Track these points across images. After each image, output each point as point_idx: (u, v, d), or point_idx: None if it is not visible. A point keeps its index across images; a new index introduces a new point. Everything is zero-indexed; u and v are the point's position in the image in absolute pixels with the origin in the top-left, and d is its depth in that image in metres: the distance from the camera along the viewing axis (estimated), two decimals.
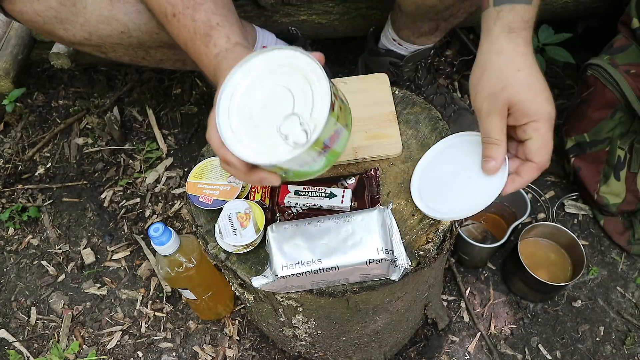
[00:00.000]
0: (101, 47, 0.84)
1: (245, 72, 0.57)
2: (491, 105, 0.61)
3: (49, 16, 0.76)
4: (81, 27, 0.78)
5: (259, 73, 0.56)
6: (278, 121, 0.54)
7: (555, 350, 1.07)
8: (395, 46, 1.12)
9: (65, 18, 0.77)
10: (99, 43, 0.82)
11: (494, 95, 0.61)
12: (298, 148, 0.52)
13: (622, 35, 1.08)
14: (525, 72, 0.60)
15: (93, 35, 0.80)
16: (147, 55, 0.87)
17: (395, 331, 0.92)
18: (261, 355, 1.09)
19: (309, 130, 0.52)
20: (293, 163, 0.54)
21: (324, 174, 0.76)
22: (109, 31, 0.80)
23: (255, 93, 0.56)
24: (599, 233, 1.20)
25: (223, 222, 0.68)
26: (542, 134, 0.60)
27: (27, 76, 1.55)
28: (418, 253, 0.68)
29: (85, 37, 0.80)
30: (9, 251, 1.28)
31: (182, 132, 1.42)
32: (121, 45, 0.83)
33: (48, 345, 1.14)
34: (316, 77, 0.54)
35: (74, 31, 0.79)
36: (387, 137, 0.76)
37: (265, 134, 0.54)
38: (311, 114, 0.53)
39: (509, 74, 0.61)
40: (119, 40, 0.82)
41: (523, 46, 0.62)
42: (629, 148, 1.09)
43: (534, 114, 0.60)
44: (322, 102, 0.53)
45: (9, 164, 1.40)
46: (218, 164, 0.74)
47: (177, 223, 1.28)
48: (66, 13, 0.76)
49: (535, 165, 0.62)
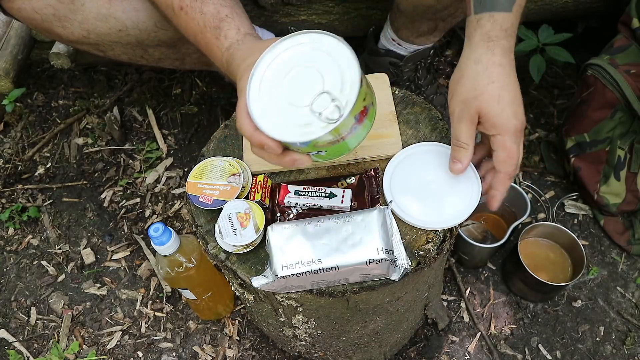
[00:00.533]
0: (99, 46, 0.84)
1: (272, 57, 0.58)
2: (463, 110, 0.64)
3: (47, 13, 0.76)
4: (79, 25, 0.78)
5: (286, 57, 0.58)
6: (309, 100, 0.56)
7: (555, 350, 1.07)
8: (395, 46, 1.12)
9: (64, 16, 0.77)
10: (97, 41, 0.82)
11: (467, 101, 0.64)
12: (332, 123, 0.54)
13: (622, 35, 1.08)
14: (497, 84, 0.63)
15: (91, 33, 0.80)
16: (145, 54, 0.88)
17: (395, 331, 0.92)
18: (261, 355, 1.09)
19: (341, 105, 0.54)
20: (328, 139, 0.56)
21: (324, 174, 0.76)
22: (107, 29, 0.80)
23: (285, 76, 0.58)
24: (599, 233, 1.20)
25: (223, 222, 0.68)
26: (507, 147, 0.63)
27: (27, 76, 1.55)
28: (418, 253, 0.68)
29: (84, 35, 0.80)
30: (9, 251, 1.28)
31: (182, 132, 1.42)
32: (119, 44, 0.83)
33: (48, 345, 1.14)
34: (344, 55, 0.56)
35: (72, 29, 0.79)
36: (387, 137, 0.76)
37: (298, 114, 0.56)
38: (341, 91, 0.55)
39: (482, 84, 0.63)
40: (117, 39, 0.82)
41: (500, 56, 0.64)
42: (629, 148, 1.09)
43: (500, 127, 0.63)
44: (352, 78, 0.55)
45: (9, 164, 1.40)
46: (218, 163, 0.74)
47: (177, 223, 1.28)
48: (64, 10, 0.76)
49: (503, 176, 0.65)
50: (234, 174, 0.73)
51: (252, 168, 0.76)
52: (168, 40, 0.84)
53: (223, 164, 0.74)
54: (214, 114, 1.43)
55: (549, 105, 1.39)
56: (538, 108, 1.38)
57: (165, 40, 0.84)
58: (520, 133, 0.64)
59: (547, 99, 1.40)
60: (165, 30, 0.82)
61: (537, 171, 1.29)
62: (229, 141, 0.81)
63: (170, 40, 0.85)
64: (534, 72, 1.20)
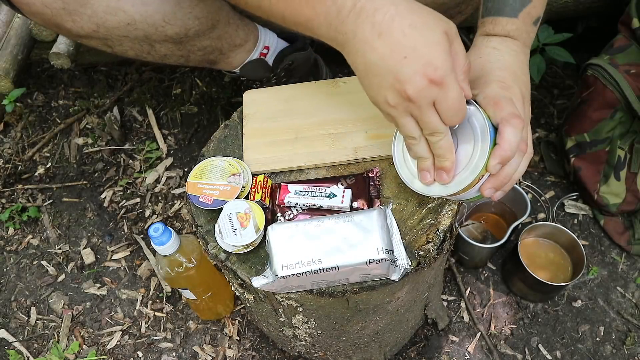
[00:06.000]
0: (108, 40, 0.84)
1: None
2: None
3: (57, 8, 0.76)
4: (89, 18, 0.78)
5: None
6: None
7: (555, 350, 1.07)
8: None
9: (73, 10, 0.77)
10: (106, 36, 0.82)
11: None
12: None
13: (622, 35, 1.08)
14: (484, 58, 0.64)
15: (100, 27, 0.80)
16: (152, 49, 0.88)
17: (395, 331, 0.92)
18: (261, 355, 1.09)
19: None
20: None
21: (324, 174, 0.76)
22: (116, 23, 0.80)
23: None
24: (599, 233, 1.20)
25: (223, 222, 0.68)
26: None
27: (27, 76, 1.55)
28: (418, 253, 0.68)
29: (93, 29, 0.80)
30: (9, 251, 1.28)
31: (182, 132, 1.42)
32: (127, 38, 0.84)
33: (48, 345, 1.14)
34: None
35: (82, 23, 0.79)
36: (387, 137, 0.76)
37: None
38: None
39: (471, 55, 0.65)
40: (125, 33, 0.82)
41: (496, 42, 0.64)
42: (629, 148, 1.09)
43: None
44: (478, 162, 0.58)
45: (9, 164, 1.40)
46: (218, 163, 0.74)
47: (177, 223, 1.28)
48: (74, 4, 0.76)
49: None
50: (234, 174, 0.73)
51: (252, 168, 0.76)
52: (174, 36, 0.85)
53: (223, 164, 0.74)
54: (214, 114, 1.43)
55: (549, 105, 1.39)
56: (538, 108, 1.38)
57: (172, 36, 0.85)
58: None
59: (547, 99, 1.40)
60: (172, 25, 0.83)
61: (537, 171, 1.29)
62: (229, 141, 0.81)
63: (176, 36, 0.85)
64: (534, 72, 1.20)
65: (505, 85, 0.60)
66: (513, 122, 0.56)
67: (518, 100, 0.60)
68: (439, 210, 0.71)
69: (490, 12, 0.65)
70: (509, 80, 0.61)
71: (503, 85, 0.60)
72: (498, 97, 0.58)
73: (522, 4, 0.64)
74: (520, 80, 0.62)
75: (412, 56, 0.50)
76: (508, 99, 0.58)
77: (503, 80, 0.61)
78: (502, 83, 0.60)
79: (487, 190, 0.60)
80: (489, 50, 0.64)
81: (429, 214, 0.71)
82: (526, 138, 0.60)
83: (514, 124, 0.56)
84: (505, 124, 0.56)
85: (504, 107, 0.57)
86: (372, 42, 0.52)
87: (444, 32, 0.52)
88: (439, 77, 0.51)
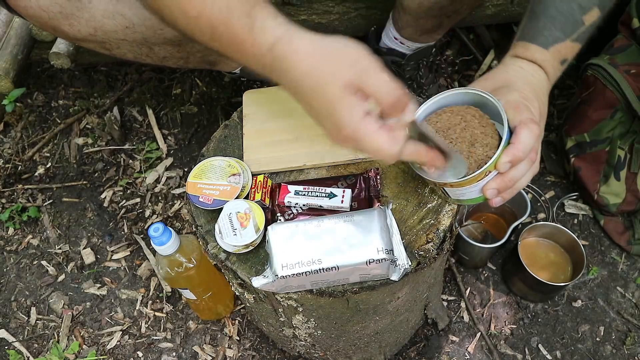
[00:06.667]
0: (106, 44, 0.84)
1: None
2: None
3: (54, 11, 0.76)
4: (86, 22, 0.78)
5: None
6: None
7: (555, 350, 1.07)
8: (397, 45, 1.13)
9: (71, 13, 0.77)
10: (103, 39, 0.82)
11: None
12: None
13: (622, 35, 1.08)
14: (510, 74, 0.66)
15: (98, 30, 0.80)
16: (150, 52, 0.88)
17: (395, 331, 0.92)
18: (261, 355, 1.09)
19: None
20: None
21: (324, 174, 0.76)
22: (114, 26, 0.80)
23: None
24: (599, 233, 1.20)
25: (223, 222, 0.68)
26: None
27: (27, 76, 1.55)
28: (418, 253, 0.68)
29: (91, 32, 0.80)
30: (9, 251, 1.28)
31: (182, 132, 1.42)
32: (126, 42, 0.83)
33: (48, 345, 1.14)
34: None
35: (79, 27, 0.78)
36: None
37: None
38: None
39: (498, 70, 0.67)
40: (123, 36, 0.82)
41: (524, 64, 0.66)
42: (629, 148, 1.09)
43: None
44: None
45: (9, 164, 1.40)
46: (218, 163, 0.74)
47: (177, 223, 1.28)
48: (71, 8, 0.76)
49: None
50: (234, 174, 0.73)
51: (252, 168, 0.76)
52: (173, 38, 0.85)
53: (223, 164, 0.74)
54: (214, 114, 1.43)
55: (549, 105, 1.38)
56: None
57: (171, 38, 0.84)
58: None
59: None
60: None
61: None
62: (229, 141, 0.81)
63: (175, 39, 0.85)
64: None
65: (527, 97, 0.62)
66: (530, 126, 0.58)
67: (536, 113, 0.61)
68: (439, 210, 0.71)
69: (524, 38, 0.67)
70: (531, 94, 0.62)
71: (524, 96, 0.62)
72: (518, 102, 0.60)
73: (554, 40, 0.66)
74: (540, 99, 0.64)
75: (322, 115, 0.53)
76: (527, 106, 0.60)
77: (525, 92, 0.62)
78: (523, 94, 0.62)
79: (489, 191, 0.60)
80: (516, 68, 0.66)
81: (429, 214, 0.71)
82: (538, 149, 0.61)
83: (531, 128, 0.58)
84: (522, 126, 0.58)
85: (523, 112, 0.59)
86: (294, 96, 0.55)
87: (343, 85, 0.50)
88: (348, 135, 0.52)
